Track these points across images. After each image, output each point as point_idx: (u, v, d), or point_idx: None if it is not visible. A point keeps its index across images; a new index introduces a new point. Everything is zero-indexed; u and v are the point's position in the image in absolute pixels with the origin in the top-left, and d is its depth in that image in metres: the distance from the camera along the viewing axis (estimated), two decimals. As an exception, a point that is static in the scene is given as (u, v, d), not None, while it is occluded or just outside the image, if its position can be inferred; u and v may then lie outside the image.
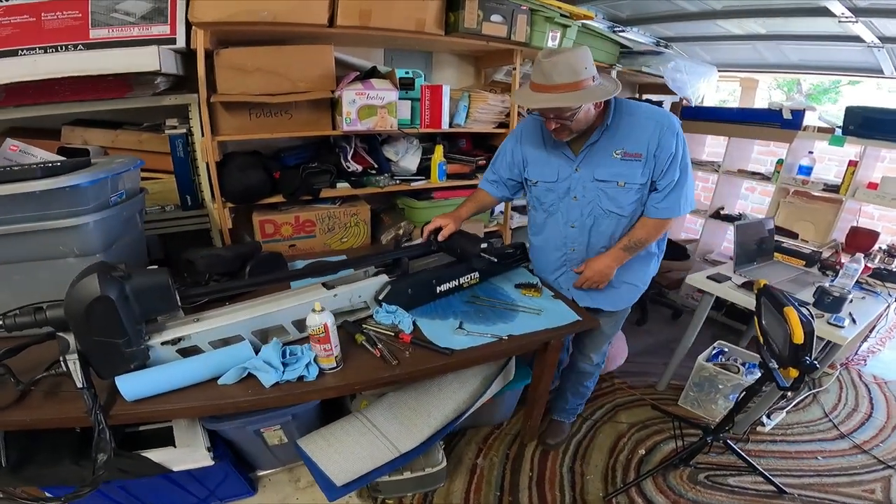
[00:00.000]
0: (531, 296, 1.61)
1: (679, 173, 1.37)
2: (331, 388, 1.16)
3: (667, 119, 1.35)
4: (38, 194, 1.14)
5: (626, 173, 1.38)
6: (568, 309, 1.53)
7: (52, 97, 1.51)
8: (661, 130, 1.32)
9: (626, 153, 1.37)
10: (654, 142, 1.33)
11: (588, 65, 1.24)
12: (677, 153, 1.34)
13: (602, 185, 1.42)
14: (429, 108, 2.05)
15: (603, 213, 1.45)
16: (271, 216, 1.90)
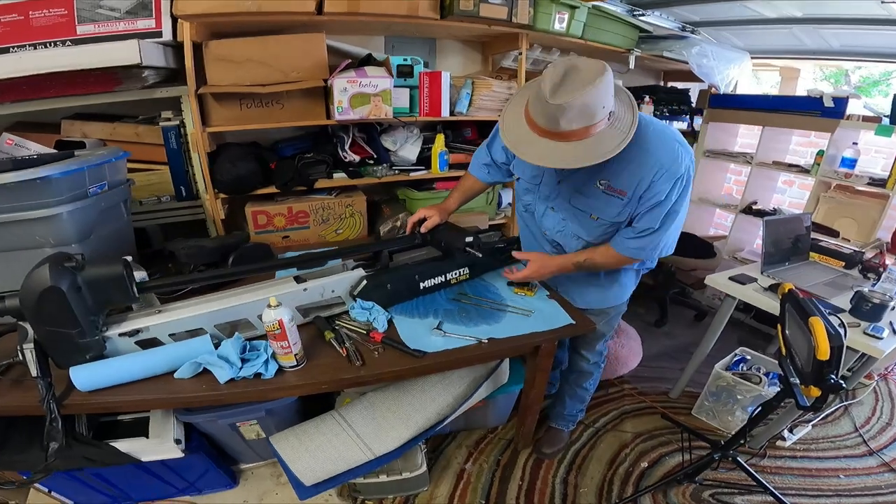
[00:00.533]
0: (524, 294, 1.48)
1: (659, 224, 1.18)
2: (290, 387, 1.09)
3: (672, 162, 1.10)
4: (10, 186, 1.13)
5: (601, 208, 1.22)
6: (561, 310, 1.39)
7: (44, 93, 1.50)
8: (658, 173, 1.10)
9: (609, 186, 1.18)
10: (645, 183, 1.12)
11: (607, 101, 1.01)
12: (666, 202, 1.14)
13: (575, 212, 1.28)
14: (428, 95, 1.94)
15: (571, 234, 1.33)
16: (264, 207, 1.85)
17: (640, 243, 1.23)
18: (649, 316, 2.80)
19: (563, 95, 0.97)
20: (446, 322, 1.33)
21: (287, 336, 1.06)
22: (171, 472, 1.35)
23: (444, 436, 1.78)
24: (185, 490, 1.46)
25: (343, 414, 1.37)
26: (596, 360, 1.66)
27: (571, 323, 1.33)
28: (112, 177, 1.44)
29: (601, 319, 1.53)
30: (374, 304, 1.32)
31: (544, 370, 1.45)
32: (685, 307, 2.92)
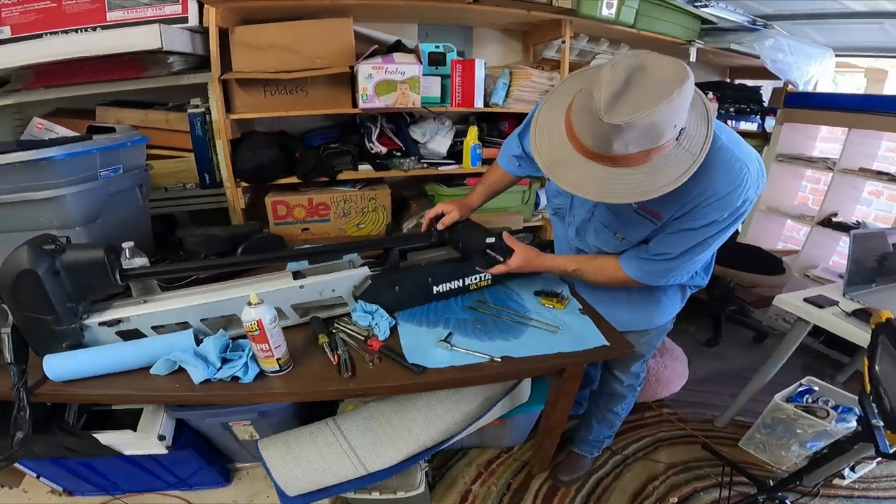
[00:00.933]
0: (551, 307, 1.27)
1: (680, 253, 0.98)
2: (270, 393, 0.96)
3: (732, 189, 0.87)
4: (16, 166, 1.09)
5: (629, 229, 1.04)
6: (593, 328, 1.17)
7: (76, 78, 1.50)
8: (709, 200, 0.89)
9: (644, 207, 0.97)
10: (687, 207, 0.91)
11: (680, 118, 0.77)
12: (701, 231, 0.93)
13: (598, 227, 1.10)
14: (460, 85, 1.78)
15: (589, 249, 1.18)
16: (284, 197, 1.76)
17: (650, 267, 1.05)
18: (700, 334, 2.48)
19: (624, 112, 0.72)
20: (457, 333, 1.15)
21: (267, 338, 0.93)
22: (161, 466, 1.28)
23: (454, 452, 1.61)
24: (176, 485, 1.39)
25: (340, 423, 1.24)
26: (631, 382, 1.43)
27: (605, 345, 1.11)
28: (127, 161, 1.39)
29: (639, 339, 1.30)
30: (378, 308, 1.18)
31: (569, 393, 1.24)
32: (743, 327, 2.57)
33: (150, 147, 1.75)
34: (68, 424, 1.11)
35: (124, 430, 1.14)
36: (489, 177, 1.42)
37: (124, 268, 1.16)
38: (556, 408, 1.28)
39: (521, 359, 1.06)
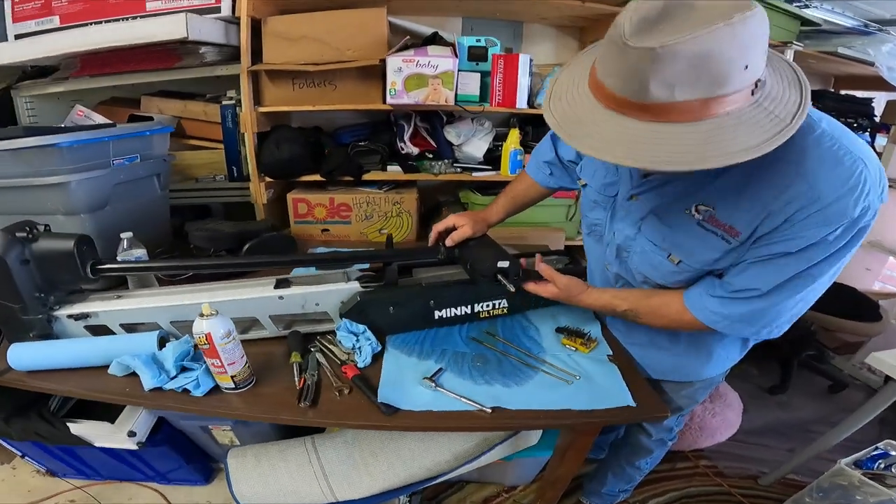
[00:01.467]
0: (574, 349, 1.06)
1: (772, 288, 0.70)
2: (222, 410, 0.86)
3: (843, 194, 0.61)
4: (24, 151, 1.10)
5: (690, 249, 0.77)
6: (620, 382, 0.94)
7: (115, 68, 1.53)
8: (809, 208, 0.62)
9: (712, 218, 0.72)
10: (778, 219, 0.65)
11: (751, 57, 0.54)
12: (802, 256, 0.65)
13: (646, 246, 0.84)
14: (501, 83, 1.60)
15: (632, 278, 0.92)
16: (306, 195, 1.69)
17: (728, 309, 0.75)
18: (764, 379, 2.14)
19: (660, 34, 0.52)
20: (450, 370, 0.98)
21: (218, 354, 0.82)
22: (139, 459, 1.27)
23: (450, 483, 1.43)
24: (154, 478, 1.38)
25: (318, 444, 1.11)
26: (661, 436, 1.19)
27: (630, 406, 0.88)
28: (146, 150, 1.39)
29: (679, 391, 1.06)
30: (365, 330, 1.03)
31: (580, 450, 1.02)
32: (817, 374, 2.18)
33: (189, 137, 1.79)
34: (47, 411, 1.10)
35: (102, 422, 1.10)
36: (514, 187, 1.23)
37: (120, 257, 1.15)
38: (563, 462, 1.06)
39: (518, 411, 0.86)
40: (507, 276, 1.05)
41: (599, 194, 0.96)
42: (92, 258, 0.96)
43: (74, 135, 1.15)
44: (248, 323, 1.06)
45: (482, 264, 1.05)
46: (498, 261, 1.04)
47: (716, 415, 1.68)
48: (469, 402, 0.87)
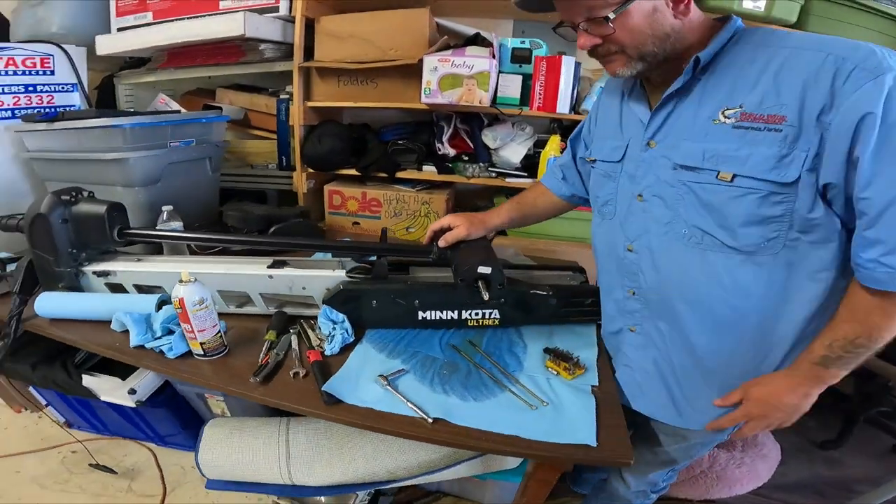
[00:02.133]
0: (556, 373, 0.97)
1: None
2: (185, 374, 0.93)
3: (853, 51, 0.57)
4: (94, 130, 1.30)
5: (739, 154, 0.65)
6: (590, 419, 0.83)
7: (192, 61, 1.75)
8: (839, 71, 0.57)
9: (745, 115, 0.64)
10: (821, 93, 0.58)
11: None
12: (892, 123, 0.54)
13: (690, 178, 0.71)
14: (542, 86, 1.53)
15: (688, 234, 0.73)
16: (341, 188, 1.77)
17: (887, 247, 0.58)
18: (819, 432, 1.86)
19: None
20: (413, 373, 0.95)
21: (189, 319, 0.89)
22: (142, 420, 1.41)
23: (427, 492, 1.40)
24: (153, 439, 1.52)
25: (291, 427, 1.14)
26: (642, 488, 1.07)
27: (588, 445, 0.78)
28: (203, 135, 1.56)
29: (675, 440, 0.93)
30: (344, 319, 1.05)
31: (540, 483, 0.93)
32: (884, 432, 1.85)
33: (253, 127, 1.98)
34: (71, 363, 1.27)
35: (113, 378, 1.25)
36: (524, 193, 1.17)
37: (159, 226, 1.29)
38: (526, 492, 0.97)
39: (461, 428, 0.81)
40: (489, 284, 1.00)
41: (607, 163, 0.87)
42: (120, 223, 1.09)
43: (136, 118, 1.33)
44: (244, 298, 1.14)
45: (463, 267, 1.01)
46: (480, 266, 0.99)
47: (742, 465, 1.44)
48: (414, 407, 0.84)
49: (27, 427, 1.66)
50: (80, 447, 1.49)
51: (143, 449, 1.56)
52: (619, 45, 0.68)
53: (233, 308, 1.13)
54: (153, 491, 1.43)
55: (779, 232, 0.66)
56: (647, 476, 1.04)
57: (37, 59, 1.59)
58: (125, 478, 1.45)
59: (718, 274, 0.72)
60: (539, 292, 1.07)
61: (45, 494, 1.41)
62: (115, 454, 1.54)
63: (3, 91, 1.51)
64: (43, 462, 1.50)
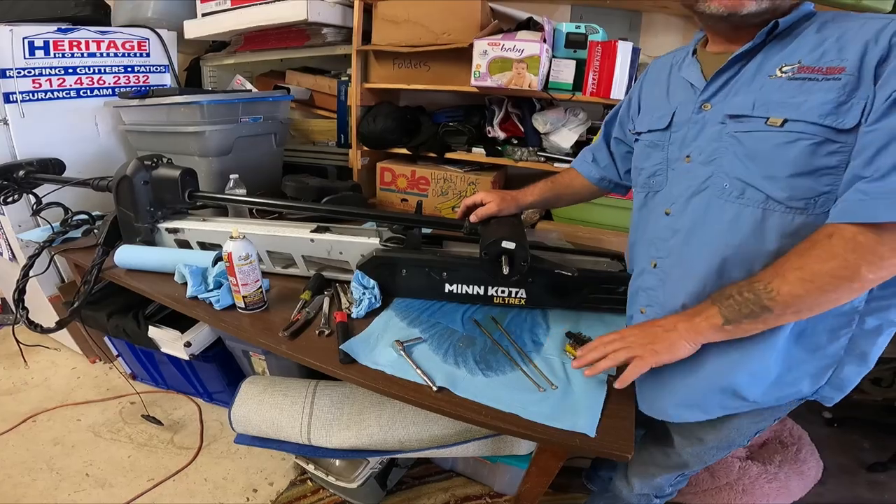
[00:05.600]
0: (573, 357, 0.96)
1: None
2: (226, 323, 1.05)
3: None
4: (176, 106, 1.48)
5: (793, 100, 0.61)
6: (596, 408, 0.82)
7: (265, 45, 1.90)
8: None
9: (802, 67, 0.62)
10: (880, 48, 0.56)
11: None
12: None
13: (736, 128, 0.67)
14: (597, 71, 1.48)
15: (729, 189, 0.68)
16: (392, 165, 1.85)
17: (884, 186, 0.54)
18: (873, 454, 1.73)
19: None
20: (429, 343, 1.00)
21: (235, 273, 1.00)
22: (194, 375, 1.60)
23: (441, 469, 1.44)
24: (202, 395, 1.70)
25: (318, 389, 1.24)
26: (646, 492, 1.03)
27: (586, 435, 0.78)
28: (270, 112, 1.70)
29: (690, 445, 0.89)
30: (375, 285, 1.12)
31: (542, 469, 0.93)
32: None
33: (317, 107, 2.11)
34: (142, 314, 1.44)
35: (174, 330, 1.41)
36: (560, 175, 1.16)
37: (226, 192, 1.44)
38: (528, 478, 0.98)
39: (463, 399, 0.84)
40: (513, 259, 1.01)
41: (655, 133, 0.83)
42: (191, 187, 1.24)
43: (212, 96, 1.49)
44: (289, 260, 1.25)
45: (488, 241, 1.03)
46: (504, 241, 1.01)
47: (775, 480, 1.31)
48: (422, 374, 0.88)
49: (98, 377, 1.90)
50: (138, 399, 1.71)
51: (191, 403, 1.75)
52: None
53: (279, 269, 1.24)
54: (191, 444, 1.59)
55: (832, 186, 0.60)
56: (655, 479, 1.01)
57: (134, 42, 1.82)
58: (169, 431, 1.63)
59: (746, 225, 0.66)
60: (564, 272, 1.07)
61: (97, 441, 1.58)
62: (166, 407, 1.74)
63: (105, 71, 1.75)
64: (103, 412, 1.71)
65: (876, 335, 0.69)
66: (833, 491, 1.54)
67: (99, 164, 1.75)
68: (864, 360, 0.71)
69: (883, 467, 1.66)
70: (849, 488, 1.60)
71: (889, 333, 0.70)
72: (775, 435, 1.53)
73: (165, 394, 1.80)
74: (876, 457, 1.70)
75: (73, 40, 1.66)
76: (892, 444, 1.73)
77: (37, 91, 1.58)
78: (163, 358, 1.55)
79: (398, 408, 1.14)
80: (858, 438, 1.78)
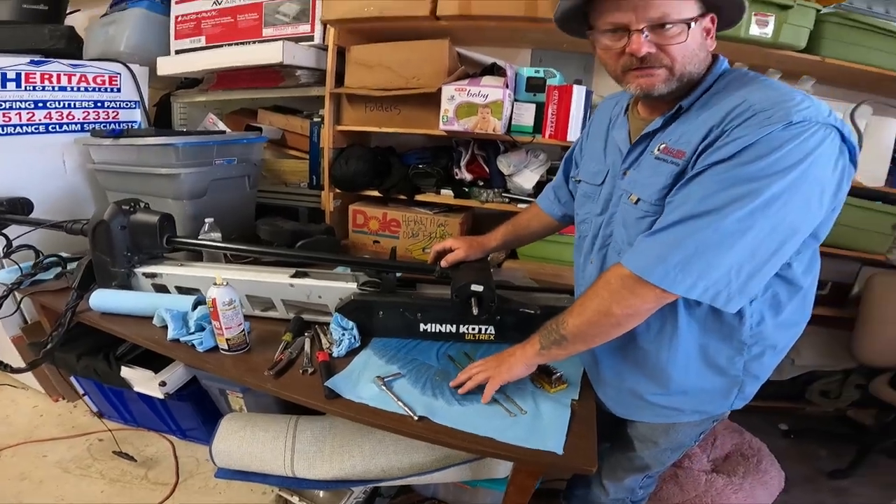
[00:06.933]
0: (539, 386, 1.09)
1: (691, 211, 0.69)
2: (210, 365, 1.13)
3: (777, 102, 0.66)
4: (149, 147, 1.56)
5: (645, 181, 0.81)
6: (562, 429, 0.94)
7: (237, 84, 2.01)
8: (742, 116, 0.68)
9: (666, 149, 0.78)
10: (715, 132, 0.70)
11: None
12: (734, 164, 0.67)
13: (624, 200, 0.87)
14: (555, 114, 1.67)
15: (613, 246, 0.90)
16: (364, 208, 1.97)
17: (660, 240, 0.72)
18: (830, 461, 1.95)
19: None
20: (408, 378, 1.10)
21: (219, 317, 1.08)
22: (167, 412, 1.63)
23: (424, 497, 1.51)
24: (175, 432, 1.73)
25: (299, 424, 1.31)
26: (621, 496, 1.16)
27: (555, 453, 0.90)
28: (243, 154, 1.80)
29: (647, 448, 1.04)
30: (353, 326, 1.22)
31: (518, 489, 1.04)
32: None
33: (290, 147, 2.22)
34: (112, 355, 1.48)
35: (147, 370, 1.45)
36: (519, 215, 1.32)
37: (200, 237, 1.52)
38: (507, 498, 1.09)
39: (443, 427, 0.95)
40: (481, 301, 1.14)
41: (590, 184, 1.00)
42: (169, 232, 1.32)
43: (187, 138, 1.58)
44: (268, 303, 1.33)
45: (458, 285, 1.16)
46: (473, 284, 1.14)
47: (740, 490, 1.46)
48: (403, 405, 0.99)
49: (62, 415, 1.89)
50: (106, 436, 1.71)
51: (164, 441, 1.76)
52: (671, 58, 0.73)
53: (258, 311, 1.32)
54: (167, 480, 1.61)
55: None
56: (624, 482, 1.14)
57: (106, 77, 1.89)
58: (143, 466, 1.64)
59: None
60: (528, 311, 1.20)
61: (66, 477, 1.59)
62: (138, 444, 1.74)
63: (75, 106, 1.80)
64: (70, 448, 1.71)
65: (761, 357, 0.88)
66: (798, 498, 1.72)
67: (65, 202, 1.79)
68: (758, 378, 0.91)
69: (843, 474, 1.85)
70: (812, 496, 1.78)
71: (771, 356, 0.89)
72: (736, 448, 1.69)
73: (136, 431, 1.81)
74: (833, 464, 1.89)
75: (46, 73, 1.72)
76: (847, 452, 1.93)
77: (6, 125, 1.62)
78: (133, 396, 1.57)
79: (378, 438, 1.23)
80: (815, 448, 1.99)
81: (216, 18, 1.95)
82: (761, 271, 0.70)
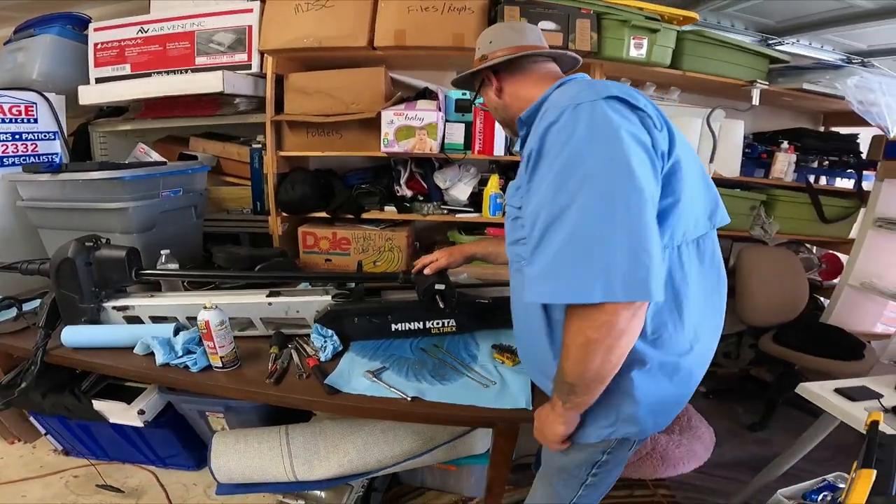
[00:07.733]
0: (501, 362, 1.34)
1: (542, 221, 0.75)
2: (209, 385, 1.22)
3: (573, 96, 0.78)
4: (95, 181, 1.57)
5: (512, 184, 0.98)
6: (527, 391, 1.20)
7: (171, 112, 2.05)
8: (548, 124, 0.77)
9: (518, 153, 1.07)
10: (537, 142, 0.79)
11: (493, 39, 1.02)
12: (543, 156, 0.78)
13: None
14: (481, 132, 1.96)
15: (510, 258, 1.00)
16: (313, 229, 2.11)
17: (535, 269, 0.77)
18: (747, 416, 2.37)
19: None
20: (392, 370, 1.29)
21: (213, 337, 1.19)
22: (143, 441, 1.64)
23: (413, 488, 1.71)
24: (154, 461, 1.75)
25: (290, 431, 1.44)
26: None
27: (524, 409, 1.15)
28: (187, 185, 1.85)
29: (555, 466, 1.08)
30: (333, 334, 1.38)
31: (501, 452, 1.28)
32: (806, 413, 2.19)
33: (226, 174, 2.27)
34: (79, 390, 1.49)
35: (120, 401, 1.48)
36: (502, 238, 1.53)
37: (158, 268, 1.57)
38: (492, 464, 1.32)
39: (433, 403, 1.16)
40: (444, 297, 1.37)
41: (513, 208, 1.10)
42: (136, 265, 1.38)
43: (135, 170, 1.62)
44: (245, 324, 1.44)
45: (423, 286, 1.38)
46: (436, 283, 1.37)
47: (680, 445, 1.84)
48: (395, 390, 1.18)
49: (23, 456, 1.82)
50: (82, 472, 1.67)
51: (143, 471, 1.76)
52: (499, 122, 1.10)
53: (236, 332, 1.42)
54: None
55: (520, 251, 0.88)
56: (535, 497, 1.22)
57: (21, 107, 1.83)
58: (132, 496, 1.63)
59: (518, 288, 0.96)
60: (482, 301, 1.46)
61: None
62: (117, 476, 1.72)
63: (-7, 140, 1.73)
64: (46, 487, 1.66)
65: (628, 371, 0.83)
66: (731, 450, 2.07)
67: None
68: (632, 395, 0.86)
69: (760, 426, 2.26)
70: (742, 447, 2.14)
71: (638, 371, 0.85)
72: (667, 409, 2.07)
73: (110, 465, 1.78)
74: (751, 418, 2.31)
75: (-44, 105, 1.64)
76: (759, 406, 2.33)
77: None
78: (102, 430, 1.57)
79: (368, 431, 1.40)
80: (733, 405, 2.40)
81: (142, 46, 1.97)
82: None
